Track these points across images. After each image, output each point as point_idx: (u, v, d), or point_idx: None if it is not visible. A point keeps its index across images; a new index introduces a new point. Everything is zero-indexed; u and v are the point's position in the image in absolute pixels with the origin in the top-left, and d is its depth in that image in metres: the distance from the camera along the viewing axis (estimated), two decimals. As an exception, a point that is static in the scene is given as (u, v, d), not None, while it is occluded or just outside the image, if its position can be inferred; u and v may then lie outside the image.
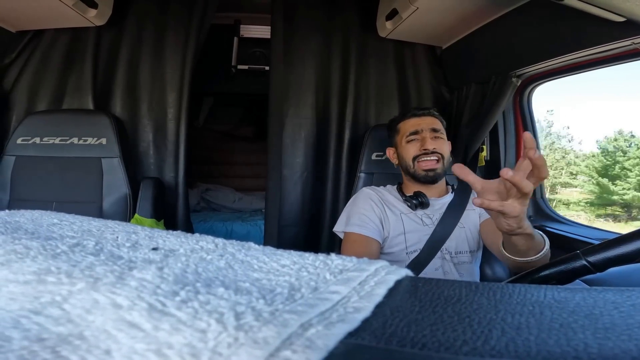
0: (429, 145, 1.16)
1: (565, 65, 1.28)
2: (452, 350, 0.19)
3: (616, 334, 0.21)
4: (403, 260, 1.11)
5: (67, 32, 1.68)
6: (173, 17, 1.72)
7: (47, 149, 1.49)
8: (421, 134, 1.19)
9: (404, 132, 1.22)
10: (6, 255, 0.26)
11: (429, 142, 1.17)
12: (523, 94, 1.58)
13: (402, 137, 1.23)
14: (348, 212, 1.19)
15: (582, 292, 0.27)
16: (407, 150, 1.20)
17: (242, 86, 2.81)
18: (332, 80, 1.79)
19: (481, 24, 1.46)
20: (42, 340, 0.18)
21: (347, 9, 1.82)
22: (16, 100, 1.66)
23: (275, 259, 0.28)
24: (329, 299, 0.21)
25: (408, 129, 1.21)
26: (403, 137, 1.22)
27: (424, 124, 1.20)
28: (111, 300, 0.20)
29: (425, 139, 1.18)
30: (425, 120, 1.21)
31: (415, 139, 1.20)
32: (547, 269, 0.58)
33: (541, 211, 1.59)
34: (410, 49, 1.84)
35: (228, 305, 0.20)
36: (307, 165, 1.77)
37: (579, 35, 1.10)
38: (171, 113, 1.71)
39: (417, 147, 1.18)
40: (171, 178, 1.71)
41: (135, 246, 0.30)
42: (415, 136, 1.20)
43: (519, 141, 1.62)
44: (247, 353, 0.16)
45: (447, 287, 0.27)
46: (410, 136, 1.20)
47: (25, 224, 0.36)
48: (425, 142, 1.17)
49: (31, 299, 0.21)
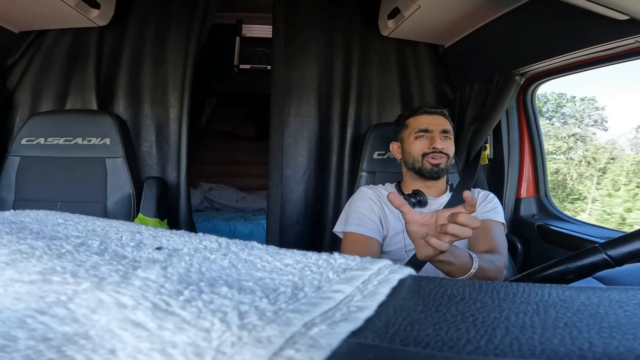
0: (439, 145, 1.16)
1: (568, 64, 1.27)
2: (456, 349, 0.19)
3: (621, 333, 0.21)
4: (402, 258, 1.11)
5: (69, 33, 1.69)
6: (175, 17, 1.73)
7: (52, 150, 1.50)
8: (431, 133, 1.18)
9: (414, 128, 1.21)
10: (11, 255, 0.26)
11: (438, 142, 1.16)
12: (526, 92, 1.57)
13: (411, 133, 1.21)
14: (347, 212, 1.19)
15: (587, 291, 0.27)
16: (415, 146, 1.19)
17: (245, 86, 2.81)
18: (334, 79, 1.79)
19: (484, 22, 1.45)
20: (47, 339, 0.18)
21: (349, 7, 1.81)
22: (20, 100, 1.67)
23: (278, 258, 0.28)
24: (332, 298, 0.21)
25: (418, 126, 1.20)
26: (411, 133, 1.21)
27: (436, 124, 1.19)
28: (116, 300, 0.20)
29: (435, 138, 1.17)
30: (437, 120, 1.20)
31: (424, 136, 1.19)
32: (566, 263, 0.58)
33: (545, 210, 1.58)
34: (413, 48, 1.83)
35: (232, 304, 0.20)
36: (309, 164, 1.77)
37: (583, 33, 1.10)
38: (174, 113, 1.71)
39: (426, 144, 1.17)
40: (174, 178, 1.71)
41: (139, 246, 0.30)
42: (425, 134, 1.19)
43: (523, 139, 1.61)
44: (250, 352, 0.16)
45: (451, 285, 0.27)
46: (420, 133, 1.19)
47: (30, 224, 0.36)
48: (435, 141, 1.16)
49: (36, 298, 0.21)
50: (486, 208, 1.14)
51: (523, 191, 1.60)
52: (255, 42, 2.60)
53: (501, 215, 1.14)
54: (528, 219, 1.55)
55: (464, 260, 0.81)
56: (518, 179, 1.61)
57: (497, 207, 1.16)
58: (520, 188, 1.60)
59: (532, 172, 1.61)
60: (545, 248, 1.43)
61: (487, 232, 1.07)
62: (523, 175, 1.61)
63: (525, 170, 1.61)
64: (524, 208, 1.59)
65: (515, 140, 1.61)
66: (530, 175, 1.61)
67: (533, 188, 1.62)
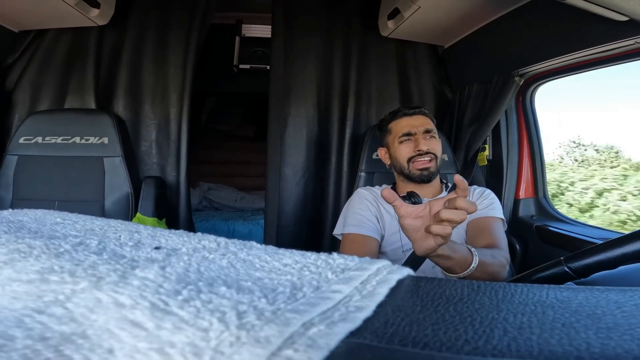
0: (423, 146, 1.15)
1: (568, 65, 1.27)
2: (454, 350, 0.19)
3: (618, 334, 0.21)
4: (400, 258, 1.11)
5: (69, 32, 1.69)
6: (174, 17, 1.73)
7: (50, 148, 1.49)
8: (414, 136, 1.18)
9: (396, 133, 1.20)
10: (10, 254, 0.26)
11: (422, 143, 1.15)
12: (526, 93, 1.57)
13: (395, 138, 1.21)
14: (344, 214, 1.19)
15: (584, 292, 0.27)
16: (401, 151, 1.19)
17: (244, 86, 2.81)
18: (334, 80, 1.79)
19: (483, 23, 1.45)
20: (45, 339, 0.18)
21: (349, 8, 1.81)
22: (19, 99, 1.67)
23: (277, 258, 0.28)
24: (330, 298, 0.21)
25: (400, 130, 1.20)
26: (395, 138, 1.21)
27: (417, 125, 1.18)
28: (114, 299, 0.20)
29: (418, 140, 1.16)
30: (417, 120, 1.19)
31: (408, 140, 1.18)
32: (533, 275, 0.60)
33: (544, 210, 1.59)
34: (412, 48, 1.83)
35: (230, 304, 0.20)
36: (308, 164, 1.76)
37: (582, 34, 1.10)
38: (173, 113, 1.71)
39: (411, 148, 1.17)
40: (173, 177, 1.71)
41: (137, 245, 0.30)
42: (408, 137, 1.18)
43: (522, 141, 1.61)
44: (249, 352, 0.16)
45: (449, 286, 0.27)
46: (403, 137, 1.19)
47: (28, 223, 0.36)
48: (419, 143, 1.15)
49: (34, 297, 0.21)
50: (482, 205, 1.13)
51: (522, 192, 1.61)
52: (255, 42, 2.60)
53: (499, 211, 1.13)
54: (527, 219, 1.55)
55: (463, 254, 0.79)
56: (517, 179, 1.61)
57: (494, 202, 1.15)
58: (519, 189, 1.61)
59: (530, 173, 1.62)
60: (543, 249, 1.43)
61: (484, 229, 1.07)
62: (522, 176, 1.61)
63: (524, 171, 1.61)
64: (522, 209, 1.59)
65: (514, 141, 1.61)
66: (529, 176, 1.62)
67: (532, 189, 1.62)
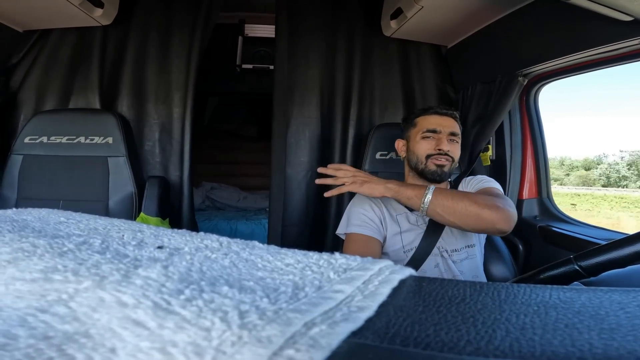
0: (445, 147, 1.14)
1: (572, 65, 1.27)
2: (456, 350, 0.19)
3: (622, 335, 0.20)
4: (402, 258, 1.11)
5: (73, 32, 1.69)
6: (178, 17, 1.73)
7: (54, 148, 1.50)
8: (438, 134, 1.16)
9: (421, 128, 1.19)
10: (13, 253, 0.26)
11: (445, 144, 1.14)
12: (529, 94, 1.56)
13: (418, 132, 1.19)
14: (348, 214, 1.19)
15: (587, 293, 0.27)
16: (421, 146, 1.17)
17: (247, 85, 2.81)
18: (337, 80, 1.79)
19: (487, 23, 1.45)
20: (48, 338, 0.18)
21: (352, 8, 1.81)
22: (23, 99, 1.67)
23: (279, 257, 0.28)
24: (332, 298, 0.21)
25: (426, 125, 1.18)
26: (419, 132, 1.19)
27: (445, 125, 1.17)
28: (117, 299, 0.20)
29: (442, 139, 1.15)
30: (446, 121, 1.18)
31: (431, 137, 1.17)
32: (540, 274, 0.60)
33: (547, 211, 1.58)
34: (415, 48, 1.83)
35: (232, 303, 0.20)
36: (311, 164, 1.76)
37: (586, 34, 1.09)
38: (177, 112, 1.71)
39: (432, 146, 1.16)
40: (176, 177, 1.72)
41: (140, 244, 0.30)
42: (433, 134, 1.17)
43: (525, 141, 1.61)
44: (250, 352, 0.16)
45: (452, 286, 0.27)
46: (427, 133, 1.17)
47: (32, 222, 0.36)
48: (442, 143, 1.15)
49: (38, 297, 0.21)
50: (475, 181, 1.19)
51: (525, 192, 1.60)
52: (258, 41, 2.60)
53: (494, 183, 1.15)
54: (530, 220, 1.55)
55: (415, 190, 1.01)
56: (520, 180, 1.60)
57: (485, 179, 1.18)
58: (523, 189, 1.60)
59: (534, 173, 1.61)
60: (547, 249, 1.42)
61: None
62: (525, 176, 1.60)
63: (527, 172, 1.60)
64: (526, 209, 1.59)
65: (518, 141, 1.60)
66: (532, 176, 1.61)
67: (535, 189, 1.61)
